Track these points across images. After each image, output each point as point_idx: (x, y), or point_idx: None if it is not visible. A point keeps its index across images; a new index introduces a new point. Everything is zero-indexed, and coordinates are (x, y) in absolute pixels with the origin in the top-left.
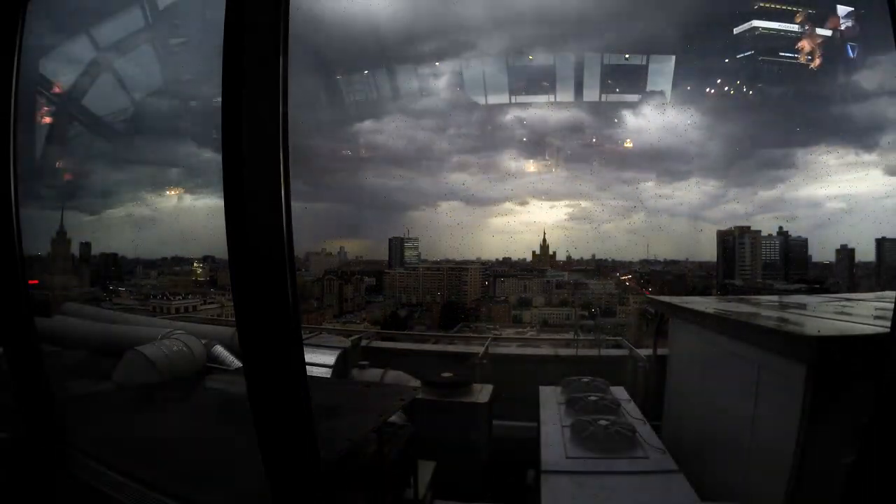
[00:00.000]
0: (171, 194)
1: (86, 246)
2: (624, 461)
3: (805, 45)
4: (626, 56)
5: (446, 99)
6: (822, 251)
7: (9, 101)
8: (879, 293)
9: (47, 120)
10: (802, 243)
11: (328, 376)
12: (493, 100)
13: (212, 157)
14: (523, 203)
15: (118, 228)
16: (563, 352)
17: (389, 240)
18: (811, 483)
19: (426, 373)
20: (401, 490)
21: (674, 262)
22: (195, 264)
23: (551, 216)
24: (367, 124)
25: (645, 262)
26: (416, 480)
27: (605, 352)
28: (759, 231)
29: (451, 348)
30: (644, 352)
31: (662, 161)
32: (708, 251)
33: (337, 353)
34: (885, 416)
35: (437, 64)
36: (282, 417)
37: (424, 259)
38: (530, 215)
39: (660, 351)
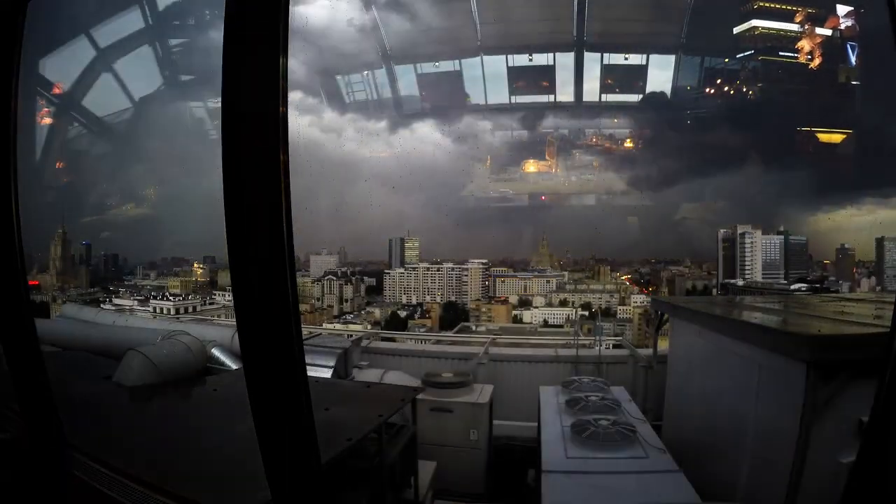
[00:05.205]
0: (171, 194)
1: (86, 247)
2: (624, 461)
3: (805, 45)
4: (626, 57)
5: (445, 98)
6: (822, 251)
7: (9, 101)
8: (879, 293)
9: (48, 121)
10: (802, 243)
11: (328, 376)
12: (492, 99)
13: (212, 157)
14: (524, 202)
15: (118, 228)
16: (563, 352)
17: (389, 240)
18: (811, 483)
19: (426, 373)
20: (401, 490)
21: (674, 262)
22: (195, 265)
23: (551, 216)
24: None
25: (645, 261)
26: (416, 480)
27: (605, 352)
28: (760, 231)
29: (450, 348)
30: (644, 352)
31: (663, 161)
32: (708, 251)
33: (337, 353)
34: (885, 416)
35: (436, 65)
36: (282, 417)
37: (424, 259)
38: (530, 215)
39: (660, 351)
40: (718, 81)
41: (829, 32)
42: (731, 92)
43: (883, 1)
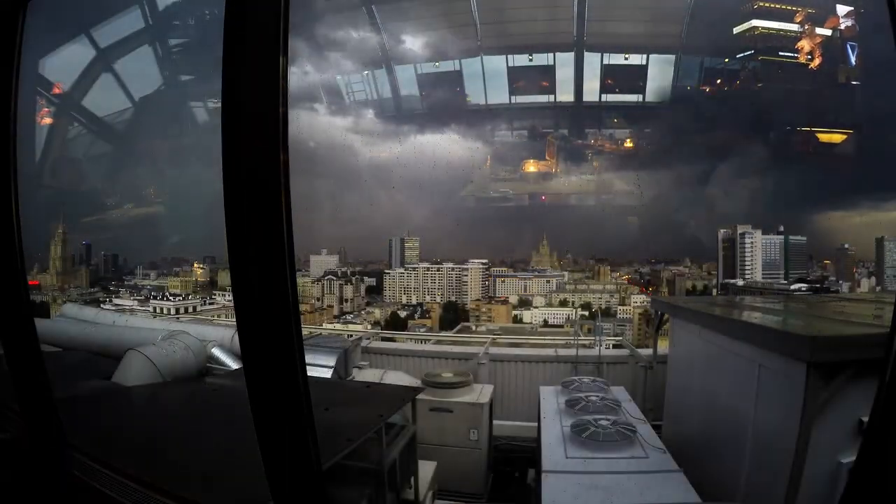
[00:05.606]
0: (171, 194)
1: (86, 247)
2: (624, 461)
3: (805, 45)
4: (626, 57)
5: (443, 99)
6: (822, 251)
7: (9, 101)
8: (879, 293)
9: (48, 121)
10: (802, 243)
11: (328, 376)
12: (492, 99)
13: (211, 158)
14: (524, 202)
15: (118, 228)
16: (563, 352)
17: (389, 240)
18: (811, 483)
19: (426, 373)
20: (401, 490)
21: (674, 262)
22: (195, 265)
23: (551, 216)
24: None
25: (645, 262)
26: (416, 480)
27: (605, 352)
28: (760, 231)
29: (450, 348)
30: (644, 352)
31: (663, 161)
32: (708, 251)
33: (337, 353)
34: (885, 416)
35: (436, 65)
36: (282, 417)
37: (424, 259)
38: (530, 215)
39: (660, 351)
40: (718, 81)
41: (829, 32)
42: (731, 92)
43: (883, 1)
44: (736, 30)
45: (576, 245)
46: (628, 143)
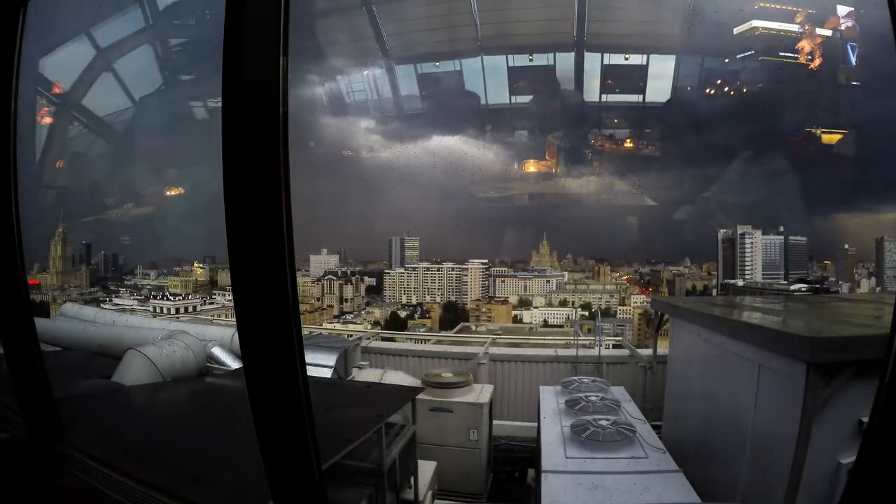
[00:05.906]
0: (172, 194)
1: (86, 247)
2: (624, 461)
3: (805, 45)
4: (626, 57)
5: (445, 98)
6: (822, 251)
7: (9, 101)
8: (879, 293)
9: (48, 120)
10: (802, 243)
11: (328, 376)
12: (493, 99)
13: (212, 157)
14: (524, 202)
15: (118, 228)
16: (563, 352)
17: (389, 240)
18: (811, 483)
19: (426, 373)
20: (401, 490)
21: (674, 263)
22: (195, 265)
23: (550, 215)
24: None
25: (645, 262)
26: (416, 480)
27: (605, 352)
28: (760, 231)
29: (450, 348)
30: (644, 352)
31: (663, 161)
32: (708, 251)
33: (337, 353)
34: (885, 416)
35: (436, 65)
36: (282, 417)
37: (424, 259)
38: (530, 215)
39: (660, 351)
40: (718, 82)
41: (829, 33)
42: (731, 92)
43: (883, 1)
44: (736, 30)
45: (576, 245)
46: (628, 144)
